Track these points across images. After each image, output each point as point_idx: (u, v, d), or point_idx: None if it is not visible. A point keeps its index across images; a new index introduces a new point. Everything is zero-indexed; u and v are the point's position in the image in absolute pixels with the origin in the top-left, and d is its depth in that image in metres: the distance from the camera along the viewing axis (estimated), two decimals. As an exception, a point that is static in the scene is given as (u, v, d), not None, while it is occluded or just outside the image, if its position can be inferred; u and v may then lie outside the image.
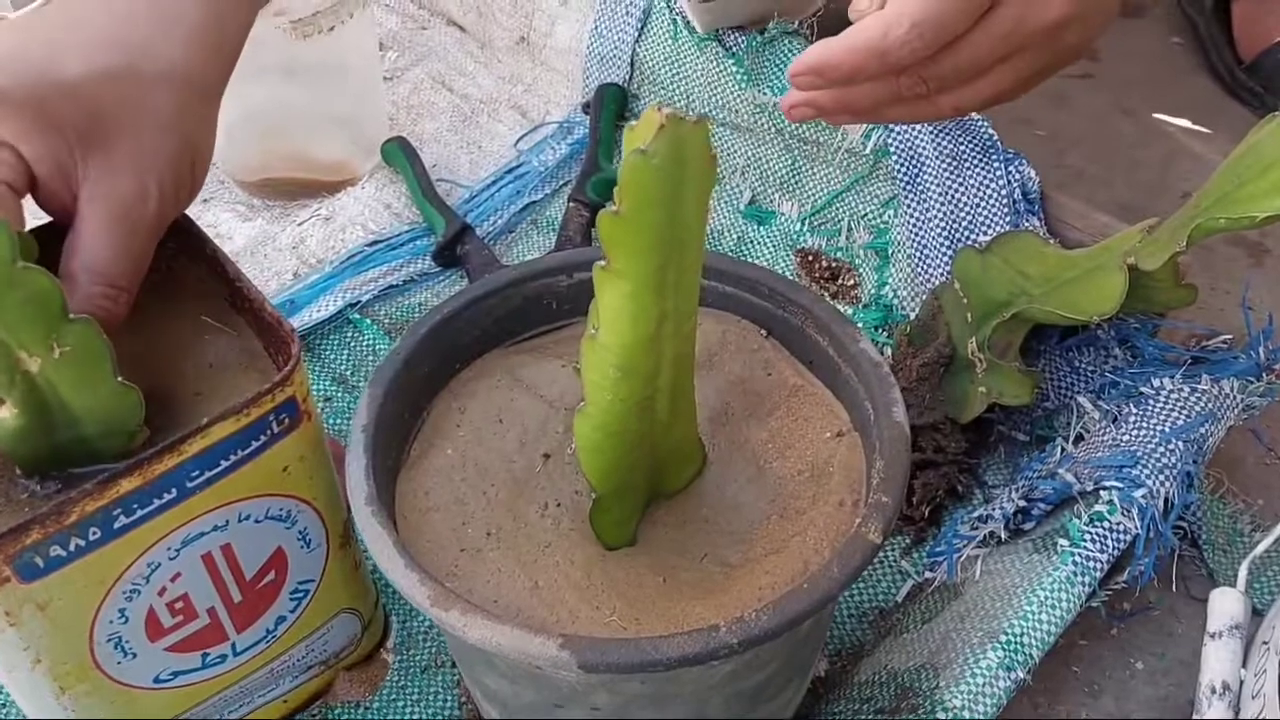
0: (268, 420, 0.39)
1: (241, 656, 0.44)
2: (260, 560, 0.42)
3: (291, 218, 0.71)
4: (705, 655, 0.34)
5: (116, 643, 0.39)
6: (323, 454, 0.43)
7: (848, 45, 0.45)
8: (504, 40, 0.81)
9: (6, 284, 0.34)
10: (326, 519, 0.44)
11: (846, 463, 0.43)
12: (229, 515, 0.40)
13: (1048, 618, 0.44)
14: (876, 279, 0.65)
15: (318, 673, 0.48)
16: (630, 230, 0.33)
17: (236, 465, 0.39)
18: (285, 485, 0.41)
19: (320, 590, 0.45)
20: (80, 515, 0.35)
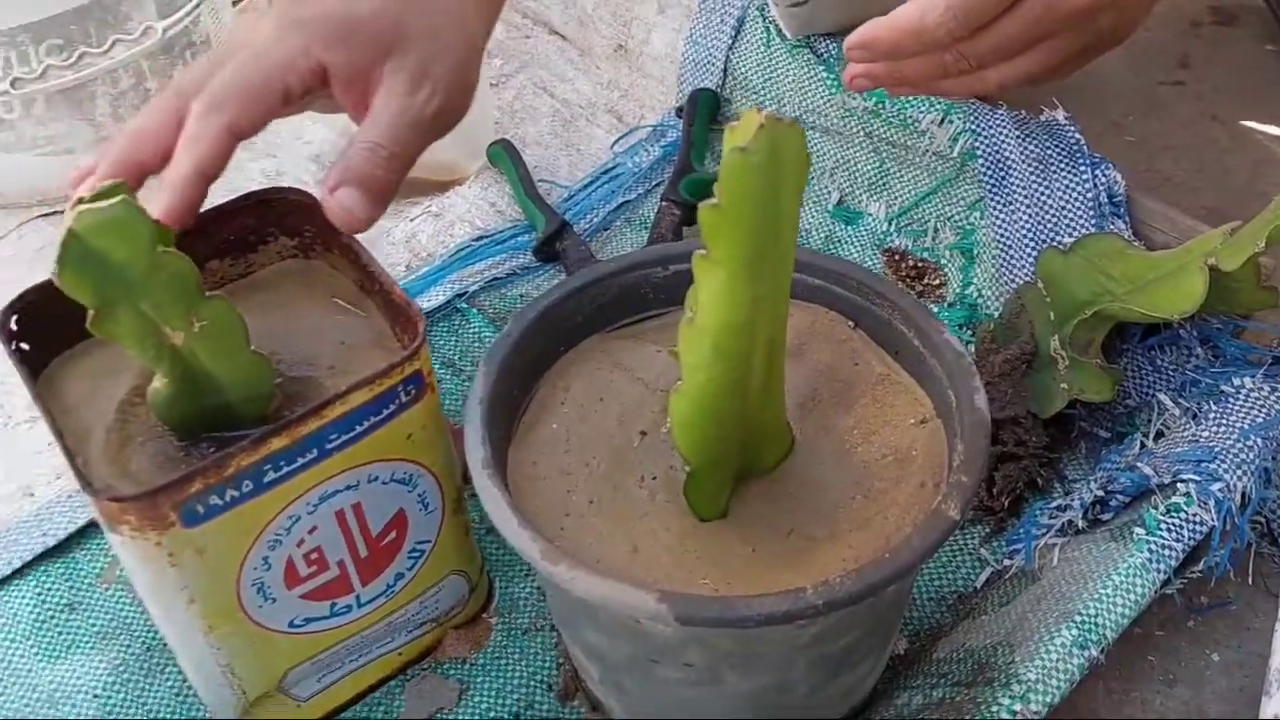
0: (397, 391, 0.43)
1: (364, 608, 0.47)
2: (384, 519, 0.46)
3: (404, 214, 0.75)
4: (792, 614, 0.37)
5: (259, 588, 0.43)
6: (441, 424, 0.46)
7: (890, 24, 0.52)
8: (603, 48, 0.85)
9: (150, 268, 0.38)
10: (443, 484, 0.47)
11: (928, 448, 0.45)
12: (360, 476, 0.44)
13: (1122, 601, 0.45)
14: (961, 279, 0.67)
15: (429, 629, 0.51)
16: (728, 221, 0.36)
17: (369, 430, 0.43)
18: (409, 451, 0.45)
19: (434, 551, 0.48)
20: (236, 469, 0.40)
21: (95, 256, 0.37)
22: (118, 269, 0.38)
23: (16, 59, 0.70)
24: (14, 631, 0.53)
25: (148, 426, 0.44)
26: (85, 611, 0.54)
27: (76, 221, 0.36)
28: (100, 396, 0.45)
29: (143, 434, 0.44)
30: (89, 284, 0.38)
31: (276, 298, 0.49)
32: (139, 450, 0.43)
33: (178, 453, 0.43)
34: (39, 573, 0.55)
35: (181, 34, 0.77)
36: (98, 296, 0.38)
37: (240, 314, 0.42)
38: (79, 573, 0.55)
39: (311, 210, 0.49)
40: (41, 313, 0.44)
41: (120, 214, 0.37)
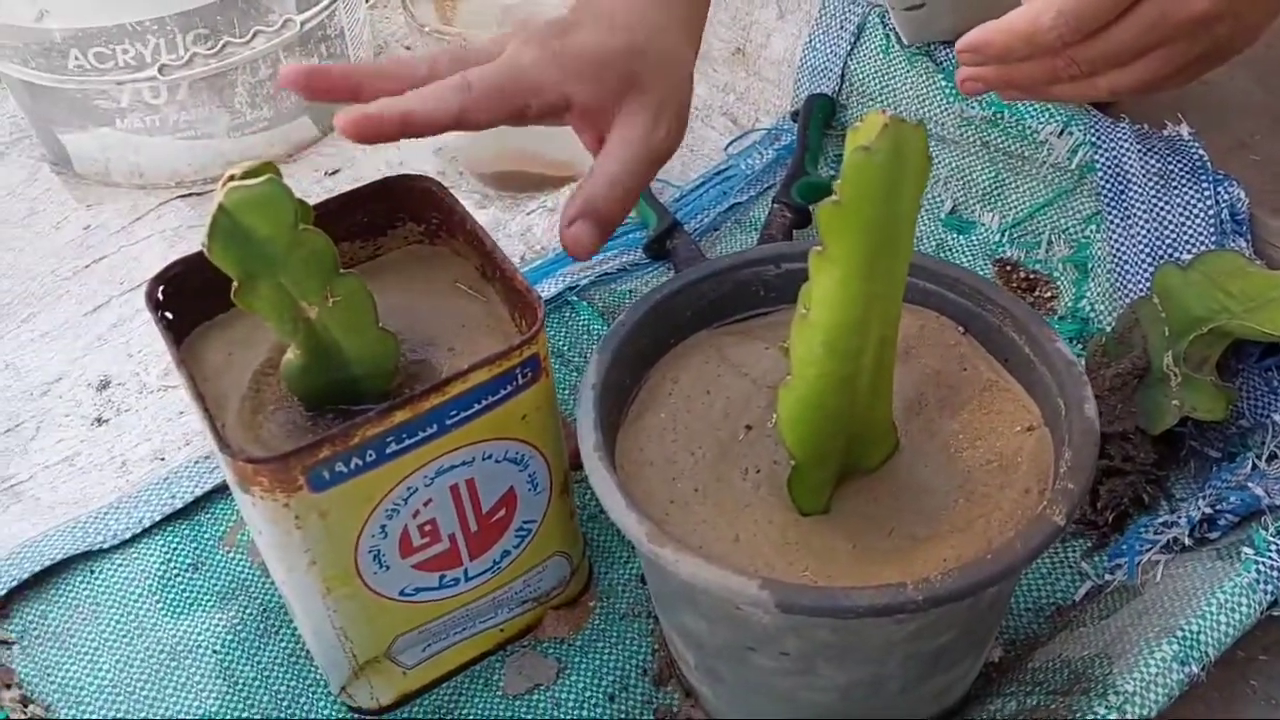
0: (514, 373, 0.44)
1: (472, 582, 0.49)
2: (495, 496, 0.47)
3: (521, 207, 0.77)
4: (892, 608, 0.38)
5: (375, 555, 0.45)
6: (553, 408, 0.48)
7: (1001, 27, 0.52)
8: (721, 51, 0.86)
9: (291, 244, 0.41)
10: (552, 466, 0.49)
11: (1035, 455, 0.46)
12: (475, 453, 0.45)
13: (1226, 620, 0.45)
14: (1074, 292, 0.66)
15: (530, 608, 0.53)
16: (848, 220, 0.37)
17: (487, 409, 0.44)
18: (522, 431, 0.46)
19: (540, 531, 0.50)
20: (362, 439, 0.42)
21: (242, 231, 0.39)
22: (262, 244, 0.40)
23: (165, 46, 0.74)
24: (142, 587, 0.56)
25: (278, 396, 0.46)
26: (208, 572, 0.57)
27: (227, 197, 0.39)
28: (236, 366, 0.47)
29: (274, 403, 0.46)
30: (235, 257, 0.40)
31: (402, 280, 0.51)
32: (270, 418, 0.46)
33: (305, 422, 0.46)
34: (167, 533, 0.58)
35: (318, 27, 0.80)
36: (242, 269, 0.40)
37: (370, 292, 0.44)
38: (204, 535, 0.58)
39: (437, 197, 0.51)
40: (185, 285, 0.47)
41: (267, 192, 0.39)
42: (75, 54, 0.73)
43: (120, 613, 0.55)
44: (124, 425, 0.64)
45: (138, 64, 0.74)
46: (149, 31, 0.73)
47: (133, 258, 0.75)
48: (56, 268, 0.75)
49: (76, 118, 0.78)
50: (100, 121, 0.78)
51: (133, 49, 0.73)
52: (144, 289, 0.46)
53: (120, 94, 0.76)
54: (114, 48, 0.73)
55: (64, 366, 0.68)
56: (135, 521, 0.58)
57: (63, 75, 0.74)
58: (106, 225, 0.78)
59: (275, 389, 0.47)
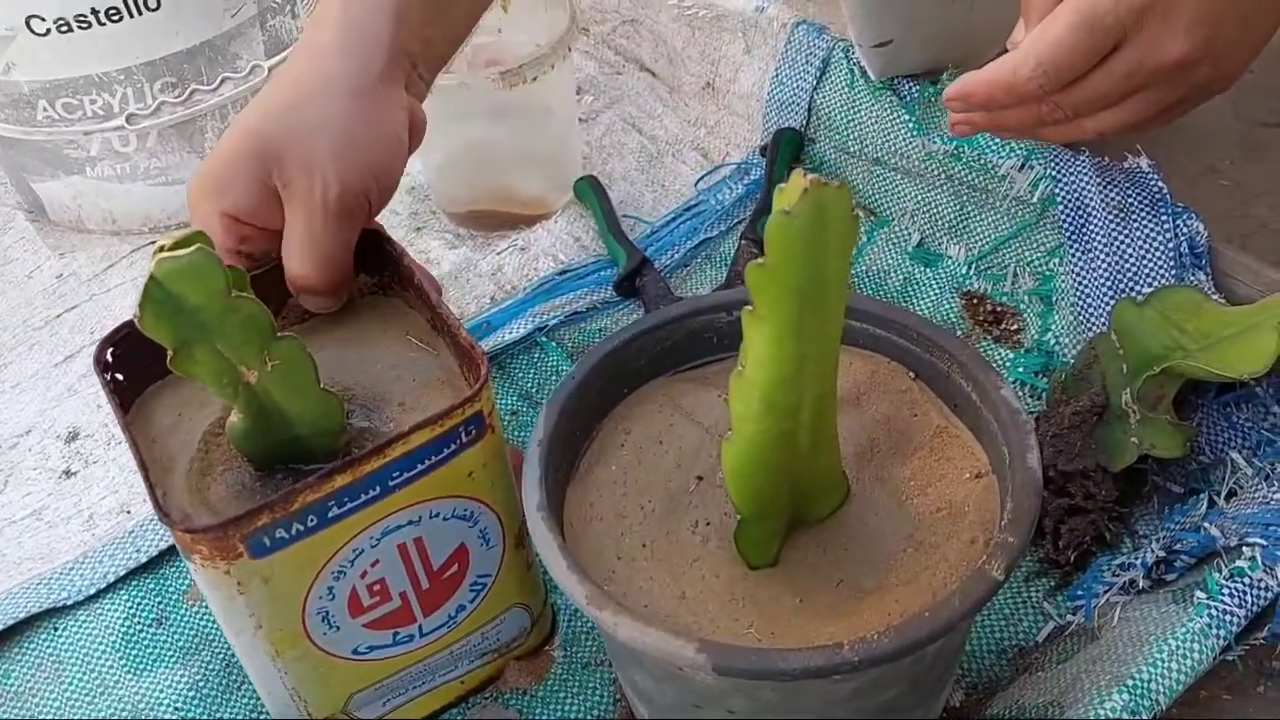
0: (458, 431, 0.44)
1: (427, 638, 0.49)
2: (446, 553, 0.47)
3: (492, 247, 0.77)
4: (828, 670, 0.38)
5: (324, 616, 0.45)
6: (503, 462, 0.48)
7: (983, 78, 0.54)
8: (691, 85, 0.86)
9: (224, 311, 0.41)
10: (504, 520, 0.49)
11: (982, 503, 0.45)
12: (422, 512, 0.45)
13: (1178, 666, 0.45)
14: (1040, 324, 0.66)
15: (491, 659, 0.53)
16: (773, 281, 0.37)
17: (431, 469, 0.44)
18: (470, 488, 0.46)
19: (496, 585, 0.50)
20: (302, 504, 0.42)
21: (174, 300, 0.39)
22: (194, 312, 0.40)
23: (133, 96, 0.75)
24: (105, 644, 0.56)
25: (227, 457, 0.47)
26: (171, 627, 0.57)
27: (157, 268, 0.39)
28: (185, 426, 0.47)
29: (223, 464, 0.46)
30: (167, 325, 0.40)
31: (356, 333, 0.52)
32: (218, 479, 0.46)
33: (254, 483, 0.46)
34: (131, 588, 0.58)
35: (287, 72, 0.80)
36: (176, 337, 0.41)
37: (310, 354, 0.44)
38: (168, 589, 0.58)
39: (385, 249, 0.51)
40: (136, 345, 0.46)
41: (197, 261, 0.39)
42: (43, 105, 0.74)
43: (83, 671, 0.55)
44: (91, 478, 0.65)
45: (105, 113, 0.75)
46: (116, 82, 0.74)
47: (104, 306, 0.75)
48: (29, 318, 0.76)
49: (48, 166, 0.79)
50: (71, 170, 0.78)
51: (100, 99, 0.74)
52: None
53: (89, 143, 0.76)
54: (81, 98, 0.74)
55: (34, 418, 0.69)
56: (100, 576, 0.58)
57: (31, 126, 0.75)
58: (79, 273, 0.79)
59: (224, 449, 0.47)
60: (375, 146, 0.52)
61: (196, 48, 0.75)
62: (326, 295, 0.51)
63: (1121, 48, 0.51)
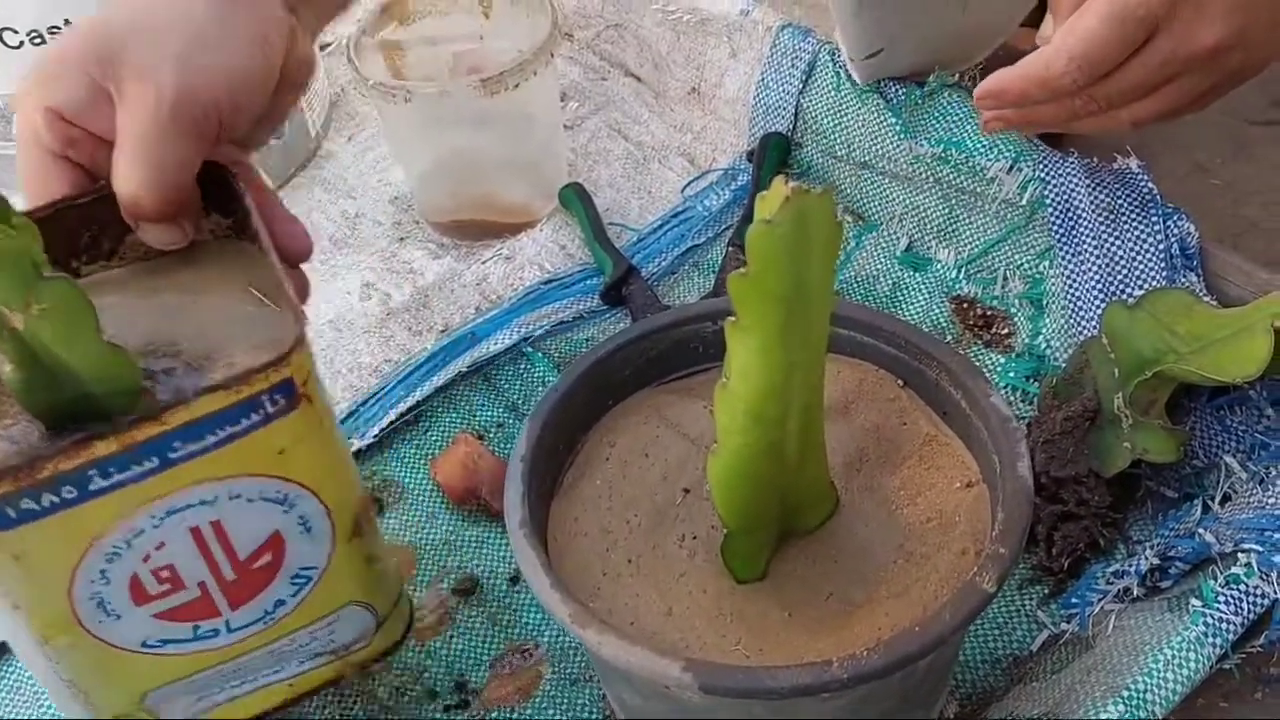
0: (261, 400, 0.38)
1: (237, 634, 0.44)
2: (255, 542, 0.41)
3: (476, 256, 0.77)
4: (816, 687, 0.37)
5: (99, 602, 0.40)
6: (327, 441, 0.42)
7: (1016, 74, 0.54)
8: (677, 90, 0.85)
9: None
10: (331, 508, 0.43)
11: (972, 513, 0.45)
12: (218, 491, 0.39)
13: (1174, 676, 0.44)
14: (1031, 328, 0.65)
15: (327, 661, 0.47)
16: (756, 291, 0.36)
17: (225, 441, 0.38)
18: (281, 468, 0.40)
19: (325, 580, 0.44)
20: (54, 472, 0.36)
21: None
22: None
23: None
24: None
25: (18, 411, 0.41)
26: None
27: None
28: None
29: (11, 416, 0.41)
30: None
31: (198, 279, 0.46)
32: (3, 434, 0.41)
33: (41, 441, 0.40)
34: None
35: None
36: None
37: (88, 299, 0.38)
38: None
39: (231, 186, 0.46)
40: None
41: None
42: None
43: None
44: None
45: (84, 127, 0.74)
46: (94, 95, 0.73)
47: None
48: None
49: (28, 182, 0.78)
50: (52, 185, 0.77)
51: (79, 113, 0.73)
52: None
53: (69, 157, 0.76)
54: (60, 112, 0.73)
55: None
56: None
57: (7, 141, 0.74)
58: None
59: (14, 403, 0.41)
60: (230, 50, 0.45)
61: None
62: (161, 223, 0.44)
63: (1155, 38, 0.51)
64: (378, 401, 0.67)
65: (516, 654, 0.55)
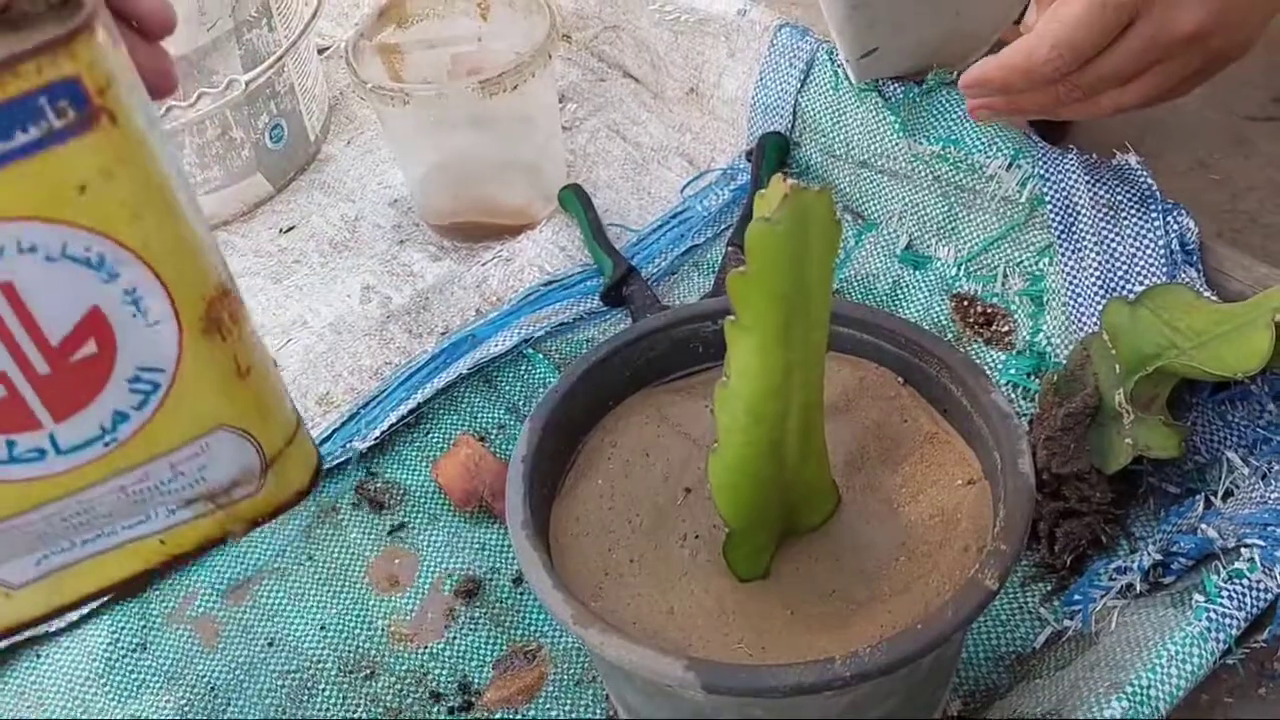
0: (36, 103, 0.29)
1: (69, 457, 0.34)
2: (67, 321, 0.32)
3: (476, 258, 0.77)
4: (820, 685, 0.37)
5: None
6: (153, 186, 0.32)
7: (1000, 63, 0.55)
8: (675, 91, 0.85)
9: None
10: (170, 285, 0.33)
11: (974, 510, 0.45)
12: (3, 239, 0.30)
13: (1177, 672, 0.44)
14: (1031, 325, 0.65)
15: (205, 510, 0.38)
16: (756, 290, 0.36)
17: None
18: (85, 214, 0.31)
19: (176, 388, 0.34)
20: None
21: None
22: None
23: (111, 115, 0.73)
24: (89, 670, 0.55)
25: None
26: (155, 651, 0.56)
27: None
28: None
29: None
30: None
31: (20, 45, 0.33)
32: None
33: None
34: (114, 612, 0.57)
35: (265, 84, 0.80)
36: None
37: None
38: (151, 613, 0.57)
39: None
40: None
41: None
42: (21, 125, 0.73)
43: (67, 699, 0.54)
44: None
45: (84, 132, 0.73)
46: (93, 100, 0.73)
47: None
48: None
49: (27, 187, 0.77)
50: (51, 190, 0.77)
51: (78, 118, 0.73)
52: None
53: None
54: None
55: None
56: (83, 602, 0.57)
57: (8, 148, 0.74)
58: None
59: None
60: None
61: (173, 63, 0.74)
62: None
63: (1135, 24, 0.51)
64: (379, 404, 0.67)
65: (520, 655, 0.55)
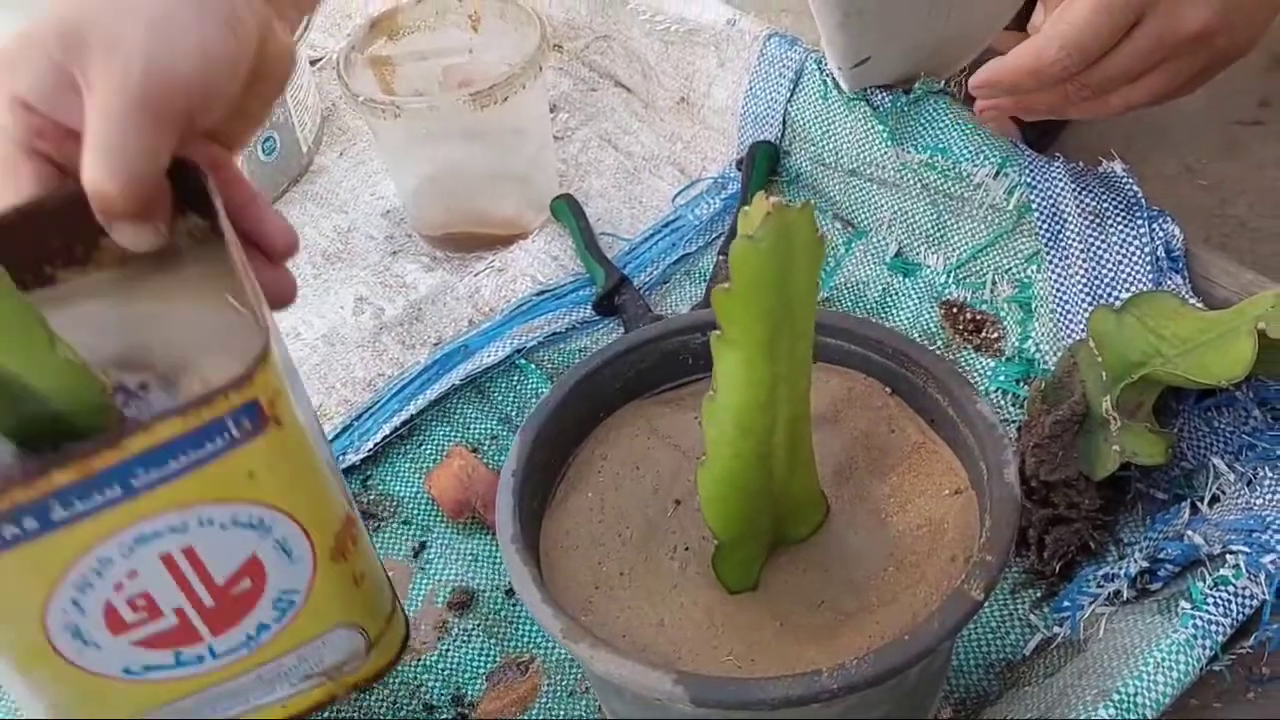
0: (224, 423, 0.36)
1: (222, 659, 0.42)
2: (231, 566, 0.40)
3: (469, 269, 0.77)
4: (807, 698, 0.37)
5: (75, 632, 0.39)
6: (304, 463, 0.41)
7: (1008, 65, 0.56)
8: (666, 100, 0.86)
9: None
10: (310, 530, 0.41)
11: (961, 520, 0.45)
12: (187, 518, 0.38)
13: (1164, 679, 0.44)
14: (1020, 332, 0.66)
15: (320, 683, 0.46)
16: (740, 306, 0.37)
17: (190, 467, 0.37)
18: (253, 492, 0.39)
19: (309, 602, 0.43)
20: (11, 504, 0.35)
21: None
22: None
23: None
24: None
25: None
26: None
27: None
28: None
29: None
30: None
31: (175, 285, 0.44)
32: None
33: (10, 461, 0.40)
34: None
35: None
36: None
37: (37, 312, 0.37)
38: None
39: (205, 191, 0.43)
40: None
41: None
42: (14, 141, 0.73)
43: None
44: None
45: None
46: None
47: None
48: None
49: (21, 202, 0.78)
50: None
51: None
52: None
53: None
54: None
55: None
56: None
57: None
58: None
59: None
60: (200, 31, 0.42)
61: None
62: (132, 221, 0.42)
63: (1142, 23, 0.53)
64: (372, 416, 0.68)
65: (513, 667, 0.55)
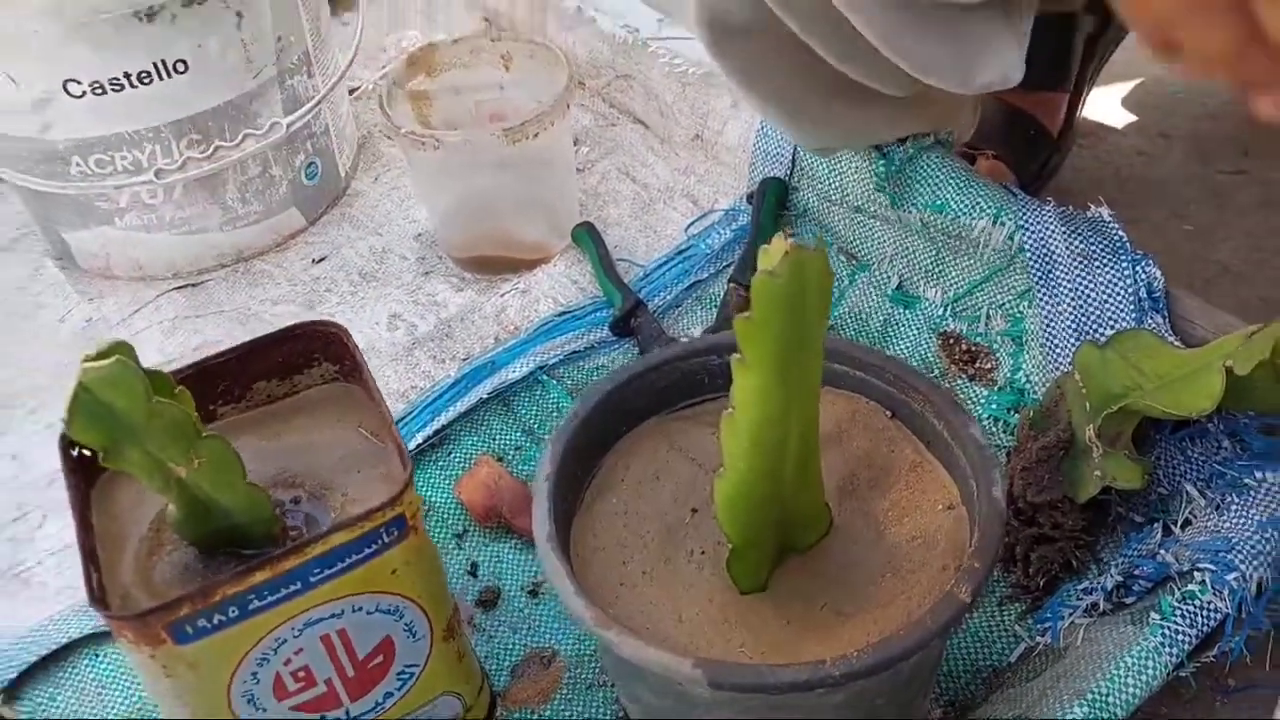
0: (379, 532, 0.47)
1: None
2: (371, 644, 0.50)
3: (495, 289, 0.82)
4: (813, 683, 0.42)
5: (250, 699, 0.48)
6: (428, 560, 0.50)
7: None
8: (681, 137, 0.91)
9: (148, 415, 0.43)
10: (430, 615, 0.51)
11: (952, 533, 0.50)
12: (345, 606, 0.48)
13: (1134, 682, 0.49)
14: (1011, 364, 0.71)
15: None
16: (759, 333, 0.41)
17: (352, 566, 0.47)
18: (393, 585, 0.49)
19: (424, 674, 0.52)
20: (222, 597, 0.44)
21: (102, 406, 0.42)
22: (121, 415, 0.42)
23: (161, 152, 0.79)
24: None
25: (176, 537, 0.49)
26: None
27: (84, 375, 0.41)
28: (145, 505, 0.50)
29: (171, 543, 0.49)
30: (97, 429, 0.43)
31: (313, 420, 0.54)
32: (165, 559, 0.49)
33: (197, 563, 0.49)
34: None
35: (304, 127, 0.85)
36: (106, 438, 0.43)
37: (235, 451, 0.46)
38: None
39: (343, 344, 0.53)
40: None
41: (117, 371, 0.41)
42: (77, 161, 0.78)
43: (125, 695, 0.59)
44: (123, 512, 0.68)
45: (135, 168, 0.79)
46: (145, 139, 0.78)
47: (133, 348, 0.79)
48: (61, 359, 0.80)
49: (78, 217, 0.83)
50: (101, 220, 0.83)
51: (130, 155, 0.78)
52: None
53: (119, 196, 0.81)
54: (113, 155, 0.78)
55: (67, 457, 0.72)
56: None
57: (64, 181, 0.79)
58: (108, 318, 0.83)
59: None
60: None
61: (220, 107, 0.80)
62: None
63: None
64: (405, 426, 0.72)
65: (536, 660, 0.60)
